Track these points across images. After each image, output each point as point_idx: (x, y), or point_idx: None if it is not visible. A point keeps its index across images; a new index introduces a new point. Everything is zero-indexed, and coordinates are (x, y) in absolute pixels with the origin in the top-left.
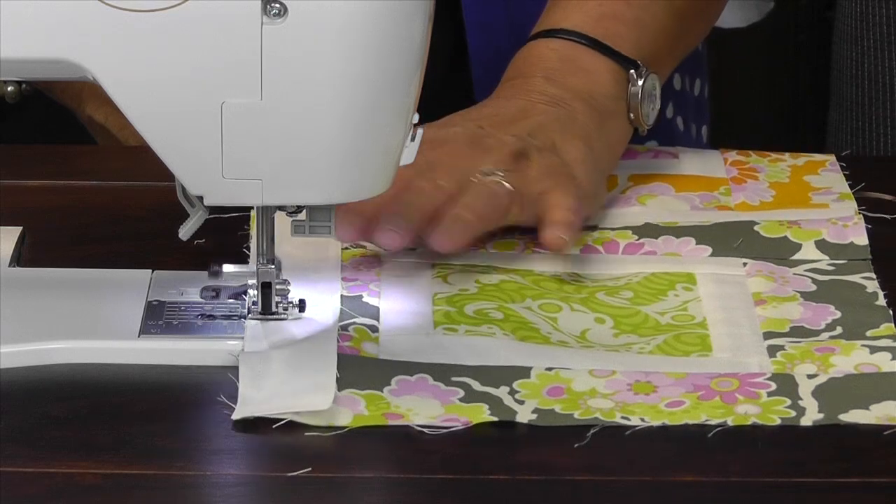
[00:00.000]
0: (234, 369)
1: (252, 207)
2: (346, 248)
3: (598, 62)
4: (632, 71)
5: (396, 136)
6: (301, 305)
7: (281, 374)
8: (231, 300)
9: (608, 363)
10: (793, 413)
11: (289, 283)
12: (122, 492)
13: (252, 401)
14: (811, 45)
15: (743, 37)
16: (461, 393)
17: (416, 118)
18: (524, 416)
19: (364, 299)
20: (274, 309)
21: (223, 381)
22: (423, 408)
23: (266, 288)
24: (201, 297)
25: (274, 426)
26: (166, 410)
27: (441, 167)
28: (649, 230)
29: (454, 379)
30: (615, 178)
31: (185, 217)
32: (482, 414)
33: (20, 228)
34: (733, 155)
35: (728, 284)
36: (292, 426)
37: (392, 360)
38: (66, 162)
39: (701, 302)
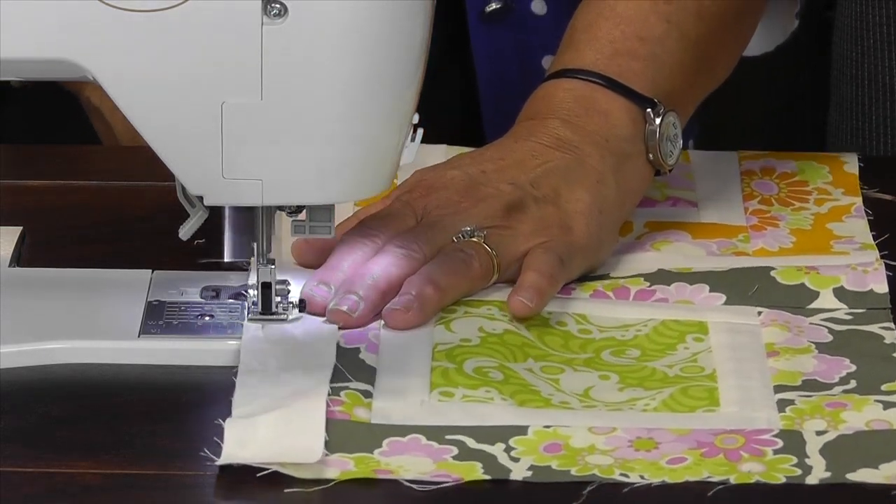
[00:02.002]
0: (234, 370)
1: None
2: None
3: (613, 102)
4: (648, 110)
5: (396, 136)
6: (301, 305)
7: (268, 433)
8: (231, 300)
9: (610, 421)
10: (799, 471)
11: (289, 283)
12: (122, 492)
13: (235, 457)
14: (811, 45)
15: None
16: (455, 451)
17: (416, 118)
18: (519, 473)
19: (361, 355)
20: (274, 309)
21: (223, 381)
22: (413, 464)
23: (266, 288)
24: (201, 297)
25: (258, 475)
26: (166, 410)
27: (423, 226)
28: (662, 277)
29: (448, 437)
30: (630, 224)
31: (185, 217)
32: (475, 472)
33: (20, 228)
34: (754, 204)
35: (741, 334)
36: (278, 475)
37: (384, 424)
38: (66, 162)
39: (712, 353)
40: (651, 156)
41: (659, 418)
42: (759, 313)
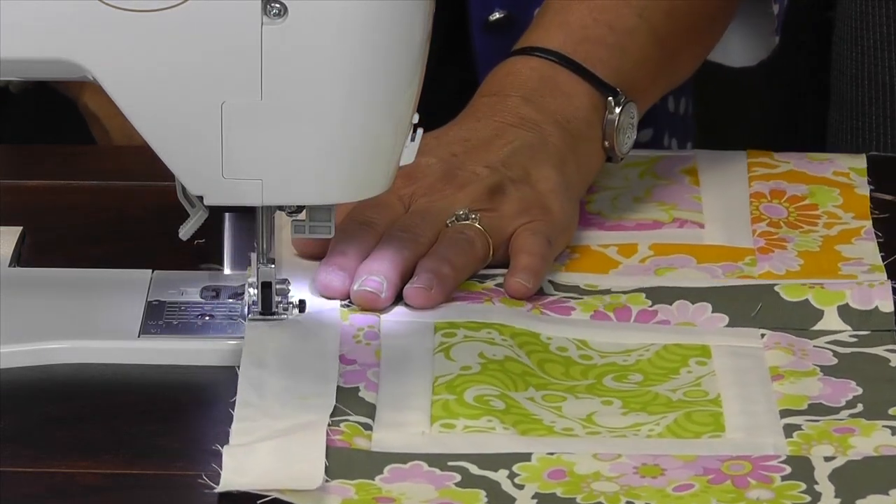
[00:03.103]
0: (234, 369)
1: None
2: (346, 306)
3: (576, 85)
4: (610, 98)
5: (396, 135)
6: (301, 306)
7: (268, 460)
8: (231, 300)
9: (614, 447)
10: (808, 498)
11: (289, 282)
12: (122, 492)
13: (234, 484)
14: (811, 45)
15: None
16: (458, 477)
17: (416, 118)
18: (523, 501)
19: (360, 394)
20: (274, 309)
21: (223, 381)
22: (416, 492)
23: (266, 288)
24: (201, 297)
25: (258, 502)
26: (166, 410)
27: (417, 211)
28: (664, 293)
29: (450, 464)
30: (635, 245)
31: (185, 217)
32: (478, 500)
33: (20, 228)
34: (763, 226)
35: (744, 357)
36: (279, 502)
37: (385, 452)
38: (66, 162)
39: (715, 376)
40: (607, 143)
41: (664, 444)
42: (763, 336)
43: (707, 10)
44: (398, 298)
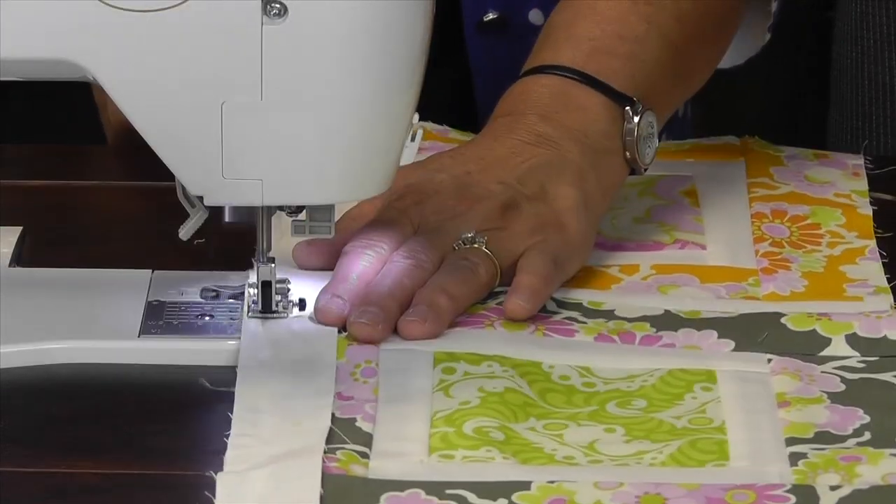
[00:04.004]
0: (234, 369)
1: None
2: (342, 335)
3: (591, 98)
4: (627, 108)
5: (396, 135)
6: (301, 305)
7: (262, 487)
8: (231, 300)
9: (616, 476)
10: None
11: (289, 282)
12: (122, 492)
13: None
14: (811, 45)
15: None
16: None
17: (416, 118)
18: None
19: (357, 423)
20: (274, 308)
21: (223, 381)
22: None
23: (266, 287)
24: (201, 297)
25: None
26: (166, 410)
27: (425, 233)
28: (669, 320)
29: (449, 492)
30: (637, 265)
31: (185, 217)
32: None
33: (20, 228)
34: (765, 246)
35: (751, 383)
36: None
37: (382, 479)
38: (66, 162)
39: (721, 403)
40: (628, 154)
41: (667, 473)
42: (769, 361)
43: (716, 11)
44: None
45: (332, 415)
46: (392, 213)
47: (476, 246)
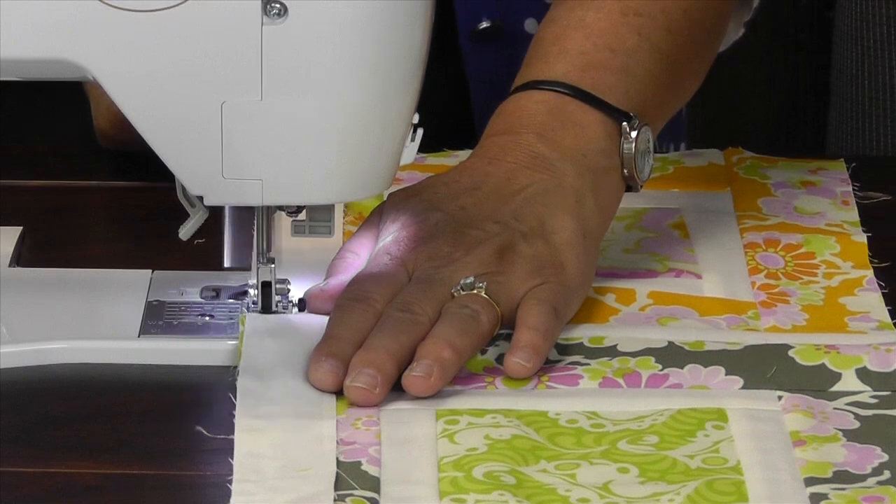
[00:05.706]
0: (233, 369)
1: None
2: (340, 398)
3: (588, 115)
4: (624, 124)
5: (396, 136)
6: (301, 305)
7: None
8: (231, 300)
9: None
10: None
11: (289, 282)
12: (122, 492)
13: None
14: (811, 45)
15: (742, 36)
16: None
17: (416, 118)
18: None
19: (363, 467)
20: (274, 308)
21: (223, 380)
22: None
23: (266, 287)
24: (201, 297)
25: None
26: (166, 410)
27: (420, 283)
28: (674, 354)
29: None
30: (633, 292)
31: (185, 217)
32: None
33: (20, 228)
34: (761, 278)
35: (763, 421)
36: None
37: None
38: (66, 162)
39: (734, 442)
40: (626, 171)
41: None
42: (780, 398)
43: (705, 20)
44: (397, 382)
45: (337, 459)
46: (385, 260)
47: (476, 292)
